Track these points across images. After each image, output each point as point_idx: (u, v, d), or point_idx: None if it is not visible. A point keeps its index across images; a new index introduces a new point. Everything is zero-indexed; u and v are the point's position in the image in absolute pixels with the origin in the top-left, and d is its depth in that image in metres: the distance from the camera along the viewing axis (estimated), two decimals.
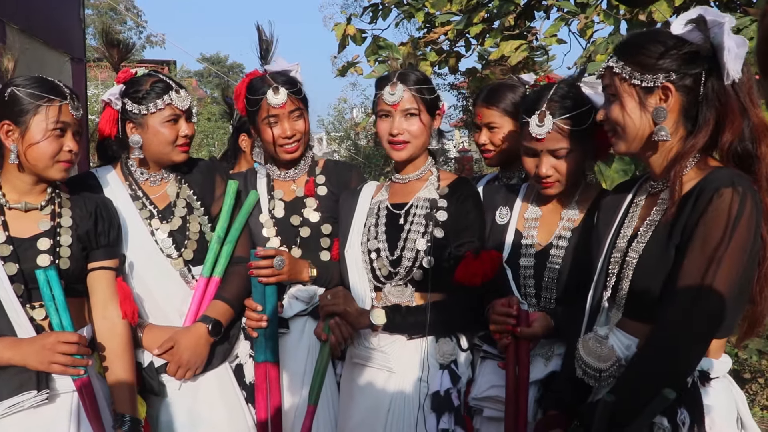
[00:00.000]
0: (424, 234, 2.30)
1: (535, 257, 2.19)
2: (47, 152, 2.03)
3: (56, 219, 2.12)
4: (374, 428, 2.24)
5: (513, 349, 2.08)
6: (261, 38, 2.57)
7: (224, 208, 2.49)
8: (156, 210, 2.43)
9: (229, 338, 2.43)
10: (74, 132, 2.10)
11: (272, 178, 2.66)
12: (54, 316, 2.00)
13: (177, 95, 2.38)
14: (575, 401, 1.84)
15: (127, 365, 2.15)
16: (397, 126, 2.31)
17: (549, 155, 2.10)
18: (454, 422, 2.18)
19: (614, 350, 1.72)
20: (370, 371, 2.31)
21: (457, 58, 5.61)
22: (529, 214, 2.27)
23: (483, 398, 2.18)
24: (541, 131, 2.07)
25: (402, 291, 2.31)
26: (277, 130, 2.50)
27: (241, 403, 2.41)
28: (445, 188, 2.37)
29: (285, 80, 2.50)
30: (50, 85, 2.07)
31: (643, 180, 1.93)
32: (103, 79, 15.03)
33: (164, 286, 2.37)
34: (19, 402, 1.94)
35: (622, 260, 1.78)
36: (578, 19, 4.50)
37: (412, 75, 2.33)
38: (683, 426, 1.61)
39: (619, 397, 1.61)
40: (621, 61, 1.73)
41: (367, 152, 18.71)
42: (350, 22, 5.49)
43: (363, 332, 2.32)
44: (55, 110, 2.04)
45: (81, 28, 5.46)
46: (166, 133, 2.37)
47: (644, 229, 1.75)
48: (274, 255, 2.34)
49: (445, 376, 2.22)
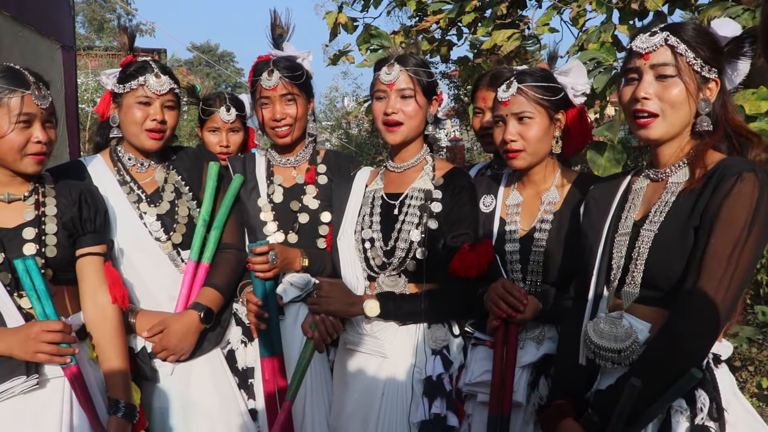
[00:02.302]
0: (418, 225, 2.30)
1: (519, 242, 2.22)
2: (13, 145, 2.01)
3: (41, 208, 2.12)
4: (368, 413, 2.26)
5: (502, 332, 2.13)
6: (275, 24, 2.60)
7: (207, 191, 2.50)
8: (144, 194, 2.44)
9: (221, 323, 2.44)
10: (43, 122, 2.07)
11: (272, 163, 2.67)
12: (37, 305, 1.99)
13: (155, 79, 2.38)
14: (580, 389, 1.85)
15: (119, 351, 2.14)
16: (392, 105, 2.31)
17: (514, 119, 2.17)
18: (446, 407, 2.19)
19: (632, 329, 1.72)
20: (363, 357, 2.32)
21: (449, 47, 5.60)
22: (510, 201, 2.31)
23: (476, 383, 2.20)
24: (505, 95, 2.18)
25: (395, 281, 2.32)
26: (267, 113, 2.54)
27: (233, 388, 2.42)
28: (440, 179, 2.37)
29: (284, 65, 2.53)
30: (12, 75, 2.04)
31: (635, 171, 1.95)
32: (93, 67, 14.93)
33: (153, 269, 2.38)
34: (9, 388, 1.94)
35: (630, 243, 1.79)
36: (570, 8, 4.49)
37: (411, 58, 2.35)
38: (704, 407, 1.61)
39: (643, 381, 1.59)
40: (683, 44, 1.72)
41: (359, 141, 18.68)
42: (342, 10, 5.48)
43: (356, 318, 2.33)
44: (17, 101, 2.01)
45: (71, 15, 5.41)
46: (136, 114, 2.38)
47: (655, 212, 1.76)
48: (268, 250, 2.35)
49: (438, 362, 2.24)
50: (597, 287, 1.87)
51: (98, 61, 15.02)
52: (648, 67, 1.76)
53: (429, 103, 2.38)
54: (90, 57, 14.38)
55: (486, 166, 2.85)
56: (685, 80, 1.72)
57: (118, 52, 2.66)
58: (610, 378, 1.76)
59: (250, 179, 2.64)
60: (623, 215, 1.86)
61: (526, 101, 2.16)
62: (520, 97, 2.16)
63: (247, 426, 2.40)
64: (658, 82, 1.75)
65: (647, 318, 1.73)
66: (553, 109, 2.18)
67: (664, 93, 1.74)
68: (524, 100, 2.16)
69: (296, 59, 2.58)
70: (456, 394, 2.25)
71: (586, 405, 1.80)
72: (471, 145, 17.31)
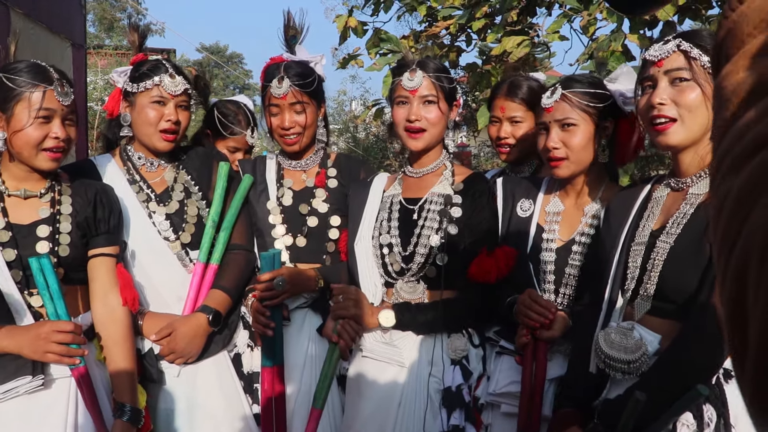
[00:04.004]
0: (438, 230, 2.26)
1: (556, 253, 2.16)
2: (29, 139, 1.99)
3: (56, 206, 2.11)
4: (384, 423, 2.21)
5: (531, 348, 2.07)
6: (288, 25, 2.58)
7: (217, 191, 2.48)
8: (153, 194, 2.43)
9: (229, 325, 2.42)
10: (63, 118, 2.05)
11: (282, 166, 2.65)
12: (49, 304, 1.98)
13: (170, 79, 2.37)
14: (589, 398, 1.83)
15: (127, 353, 2.13)
16: (415, 112, 2.26)
17: (557, 126, 2.10)
18: (465, 418, 2.16)
19: (642, 341, 1.69)
20: (379, 365, 2.26)
21: (458, 53, 5.59)
22: (551, 208, 2.23)
23: (501, 394, 2.16)
24: (549, 101, 2.11)
25: (414, 287, 2.28)
26: (277, 121, 2.52)
27: (238, 391, 2.41)
28: (460, 184, 2.33)
29: (295, 72, 2.49)
30: (36, 71, 2.03)
31: (656, 179, 1.93)
32: (102, 66, 14.98)
33: (162, 269, 2.37)
34: (14, 387, 1.93)
35: (646, 253, 1.77)
36: (581, 16, 4.49)
37: (431, 63, 2.31)
38: (711, 423, 1.59)
39: (650, 394, 1.58)
40: (696, 48, 1.70)
41: (366, 145, 18.68)
42: (352, 14, 5.48)
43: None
44: (39, 96, 2.00)
45: (82, 14, 5.44)
46: (150, 114, 2.36)
47: (672, 223, 1.74)
48: (272, 278, 2.31)
49: (457, 372, 2.19)
50: (611, 296, 1.85)
51: (107, 60, 15.07)
52: (662, 74, 1.74)
53: (450, 108, 2.34)
54: (99, 56, 14.42)
55: (499, 173, 2.82)
56: (701, 83, 1.69)
57: (128, 51, 2.66)
58: (619, 388, 1.74)
59: (260, 182, 2.62)
60: (641, 224, 1.84)
61: (570, 108, 2.09)
62: (563, 104, 2.09)
63: (252, 430, 2.38)
64: (673, 87, 1.73)
65: (659, 330, 1.71)
66: (599, 116, 2.10)
67: (680, 97, 1.72)
68: (568, 106, 2.09)
69: (308, 64, 2.55)
70: (473, 403, 2.21)
71: (593, 414, 1.79)
72: (478, 151, 17.28)
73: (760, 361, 0.42)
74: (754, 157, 0.45)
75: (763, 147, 0.45)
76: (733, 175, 0.47)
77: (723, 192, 0.48)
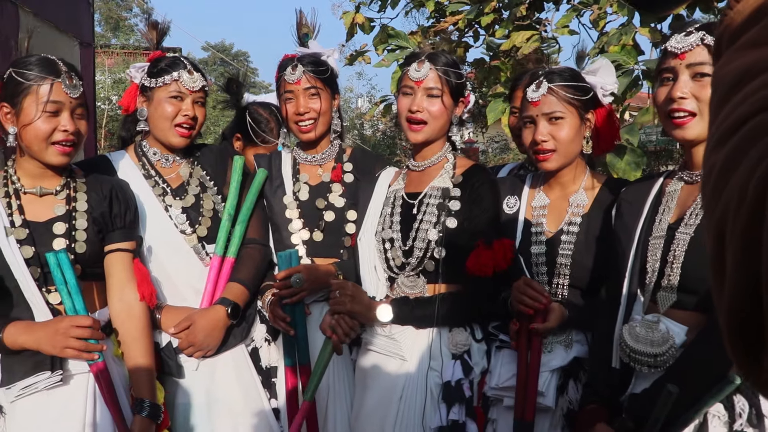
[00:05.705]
0: (436, 224, 2.27)
1: (546, 245, 2.18)
2: (38, 133, 1.98)
3: (71, 203, 2.11)
4: (386, 415, 2.23)
5: (525, 335, 2.09)
6: (300, 23, 2.61)
7: (232, 185, 2.49)
8: (169, 188, 2.44)
9: (246, 318, 2.43)
10: (72, 111, 2.04)
11: (298, 161, 2.66)
12: (67, 299, 1.99)
13: (188, 75, 2.38)
14: (614, 393, 1.83)
15: (145, 349, 2.13)
16: (418, 103, 2.27)
17: (544, 120, 2.13)
18: (465, 413, 2.15)
19: (669, 333, 1.69)
20: (382, 358, 2.29)
21: (465, 49, 5.57)
22: (536, 203, 2.27)
23: (503, 388, 2.16)
24: (536, 95, 2.14)
25: (414, 282, 2.29)
26: (291, 107, 2.53)
27: (257, 385, 2.41)
28: (460, 177, 2.33)
29: (308, 60, 2.52)
30: (44, 64, 2.02)
31: (668, 173, 1.93)
32: (109, 65, 15.00)
33: (179, 262, 2.38)
34: (33, 383, 1.94)
35: (665, 246, 1.76)
36: (591, 10, 4.46)
37: (442, 56, 2.31)
38: (743, 413, 1.58)
39: (680, 386, 1.57)
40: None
41: (373, 142, 18.68)
42: (359, 10, 5.46)
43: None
44: (46, 89, 1.99)
45: (90, 12, 5.44)
46: (167, 109, 2.37)
47: (690, 214, 1.74)
48: (289, 275, 2.34)
49: (457, 367, 2.20)
50: (630, 290, 1.85)
51: (114, 59, 15.09)
52: (684, 67, 1.73)
53: (455, 104, 2.34)
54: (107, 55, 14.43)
55: (519, 167, 2.81)
56: None
57: (135, 50, 2.67)
58: (645, 382, 1.74)
59: (275, 177, 2.63)
60: (657, 218, 1.84)
61: (557, 101, 2.12)
62: (550, 97, 2.12)
63: (270, 424, 2.38)
64: (694, 81, 1.72)
65: (684, 322, 1.70)
66: (583, 108, 2.15)
67: (702, 92, 1.71)
68: (555, 99, 2.12)
69: (321, 56, 2.57)
70: (479, 400, 2.21)
71: (619, 409, 1.78)
72: (486, 147, 17.25)
73: (732, 294, 0.51)
74: (737, 132, 0.54)
75: (744, 123, 0.53)
76: (719, 148, 0.56)
77: (710, 164, 0.57)
